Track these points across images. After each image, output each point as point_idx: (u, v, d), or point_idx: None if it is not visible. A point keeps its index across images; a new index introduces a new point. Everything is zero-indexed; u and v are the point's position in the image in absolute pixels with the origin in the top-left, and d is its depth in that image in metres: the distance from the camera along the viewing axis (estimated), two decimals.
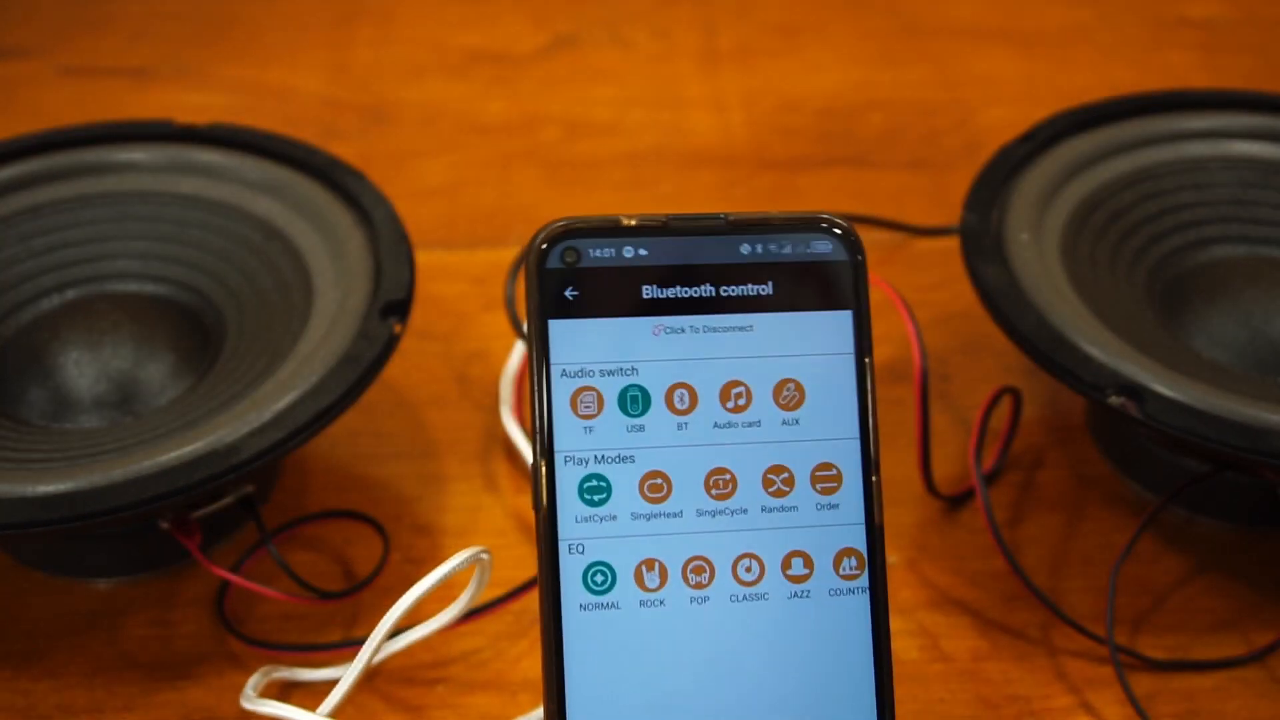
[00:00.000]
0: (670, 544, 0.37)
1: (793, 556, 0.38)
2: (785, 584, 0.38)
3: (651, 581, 0.37)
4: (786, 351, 0.38)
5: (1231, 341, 0.56)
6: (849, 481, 0.38)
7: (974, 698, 0.50)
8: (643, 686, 0.37)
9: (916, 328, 0.55)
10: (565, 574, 0.37)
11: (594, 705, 0.37)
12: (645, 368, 0.37)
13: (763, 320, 0.38)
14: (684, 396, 0.37)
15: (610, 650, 0.37)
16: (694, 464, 0.37)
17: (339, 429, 0.52)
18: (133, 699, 0.50)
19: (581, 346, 0.37)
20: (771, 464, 0.38)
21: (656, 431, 0.37)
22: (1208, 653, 0.52)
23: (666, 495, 0.37)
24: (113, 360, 0.55)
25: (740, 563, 0.37)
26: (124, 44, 0.87)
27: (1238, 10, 0.90)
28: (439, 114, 0.81)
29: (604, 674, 0.37)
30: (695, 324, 0.38)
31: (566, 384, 0.37)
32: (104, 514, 0.46)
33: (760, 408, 0.38)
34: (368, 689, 0.50)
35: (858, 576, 0.38)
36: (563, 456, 0.37)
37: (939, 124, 0.79)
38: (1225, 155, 0.61)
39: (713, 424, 0.38)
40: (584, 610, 0.37)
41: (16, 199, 0.59)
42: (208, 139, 0.60)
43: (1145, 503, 0.57)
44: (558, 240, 0.37)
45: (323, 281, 0.55)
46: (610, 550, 0.37)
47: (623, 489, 0.37)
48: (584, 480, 0.37)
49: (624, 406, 0.37)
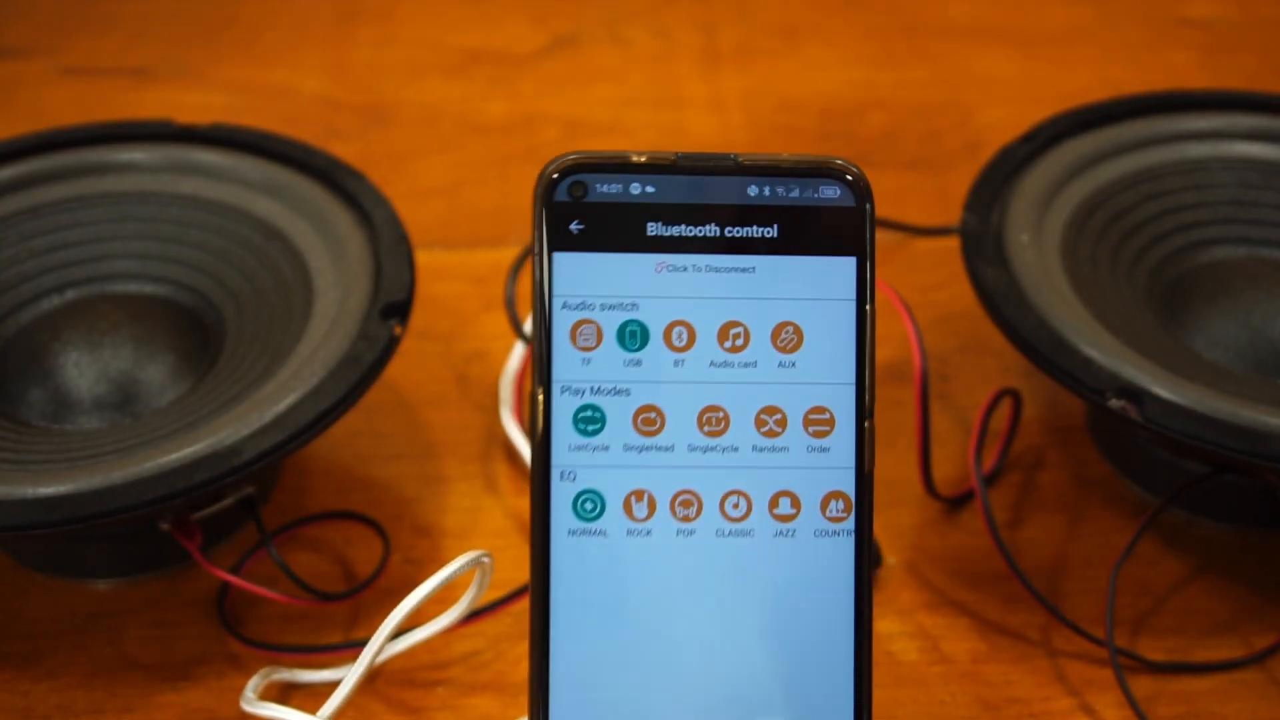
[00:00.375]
0: (660, 477, 0.38)
1: (780, 496, 0.38)
2: (771, 522, 0.38)
3: (640, 512, 0.38)
4: (787, 295, 0.38)
5: (1232, 343, 0.56)
6: (841, 426, 0.38)
7: (974, 699, 0.50)
8: (625, 613, 0.38)
9: (916, 328, 0.55)
10: (556, 500, 0.38)
11: (577, 629, 0.37)
12: (646, 304, 0.38)
13: (766, 263, 0.38)
14: (682, 334, 0.38)
15: (596, 576, 0.38)
16: (688, 400, 0.38)
17: (339, 430, 0.52)
18: (133, 700, 0.50)
19: (584, 280, 0.37)
20: (765, 405, 0.38)
21: (653, 367, 0.38)
22: (1207, 655, 0.52)
23: (659, 429, 0.38)
24: (113, 361, 0.55)
25: (728, 499, 0.38)
26: (124, 44, 0.87)
27: (1238, 10, 0.90)
28: (439, 114, 0.81)
29: (588, 599, 0.38)
30: (698, 263, 0.38)
31: (567, 316, 0.37)
32: (104, 515, 0.46)
33: (758, 349, 0.38)
34: (368, 691, 0.50)
35: (844, 520, 0.38)
36: (560, 386, 0.37)
37: (939, 124, 0.79)
38: (1226, 156, 0.61)
39: (709, 362, 0.38)
40: (572, 536, 0.38)
41: (16, 199, 0.59)
42: (208, 139, 0.60)
43: (1145, 504, 0.57)
44: (566, 173, 0.37)
45: (323, 282, 0.55)
46: (601, 479, 0.38)
47: (617, 421, 0.38)
48: (579, 410, 0.38)
49: (622, 341, 0.38)
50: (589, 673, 0.38)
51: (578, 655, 0.38)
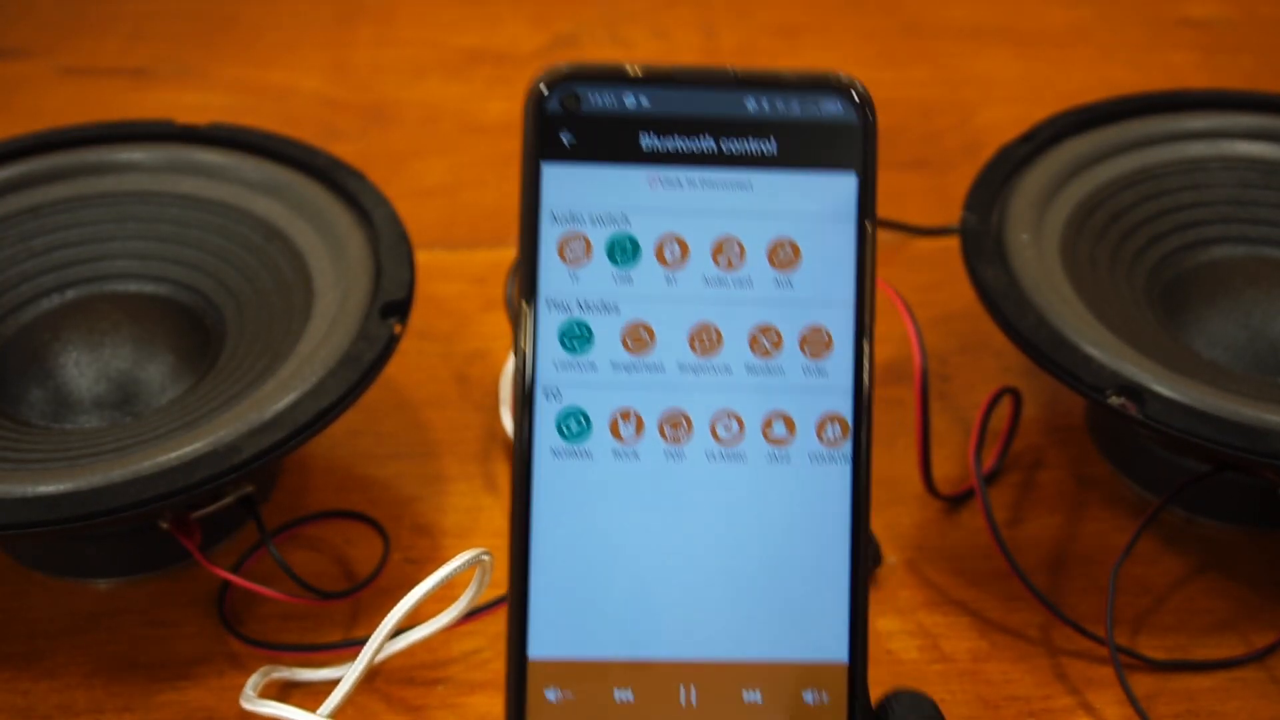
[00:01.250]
0: (649, 396, 0.36)
1: (774, 418, 0.37)
2: (764, 445, 0.37)
3: (627, 432, 0.36)
4: (785, 211, 0.37)
5: (1231, 342, 0.56)
6: (839, 347, 0.37)
7: (974, 698, 0.50)
8: (610, 538, 0.36)
9: (916, 328, 0.55)
10: (539, 418, 0.36)
11: (559, 551, 0.36)
12: (637, 218, 0.36)
13: (763, 178, 0.37)
14: (675, 250, 0.37)
15: (580, 499, 0.36)
16: (680, 318, 0.37)
17: (339, 429, 0.52)
18: (133, 699, 0.50)
19: (574, 192, 0.36)
20: (760, 324, 0.37)
21: (644, 283, 0.37)
22: (1208, 653, 0.52)
23: (649, 347, 0.37)
24: (113, 360, 0.55)
25: (720, 420, 0.37)
26: (124, 44, 0.87)
27: (1238, 10, 0.90)
28: (439, 114, 0.81)
29: (571, 522, 0.36)
30: (692, 177, 0.37)
31: (555, 229, 0.36)
32: (104, 514, 0.46)
33: (753, 266, 0.37)
34: (367, 689, 0.50)
35: (840, 444, 0.37)
36: (546, 301, 0.36)
37: (939, 124, 0.79)
38: (1225, 155, 0.61)
39: (702, 279, 0.37)
40: (556, 456, 0.36)
41: (16, 199, 0.59)
42: (208, 139, 0.60)
43: (1145, 503, 0.57)
44: (559, 83, 0.36)
45: (323, 281, 0.55)
46: (587, 398, 0.36)
47: (604, 338, 0.36)
48: (565, 326, 0.36)
49: (612, 256, 0.37)
50: (570, 600, 0.36)
51: (559, 582, 0.36)
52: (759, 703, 0.36)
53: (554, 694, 0.36)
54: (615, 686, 0.36)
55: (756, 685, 0.36)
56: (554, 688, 0.36)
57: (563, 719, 0.36)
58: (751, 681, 0.36)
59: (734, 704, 0.36)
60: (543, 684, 0.36)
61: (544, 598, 0.36)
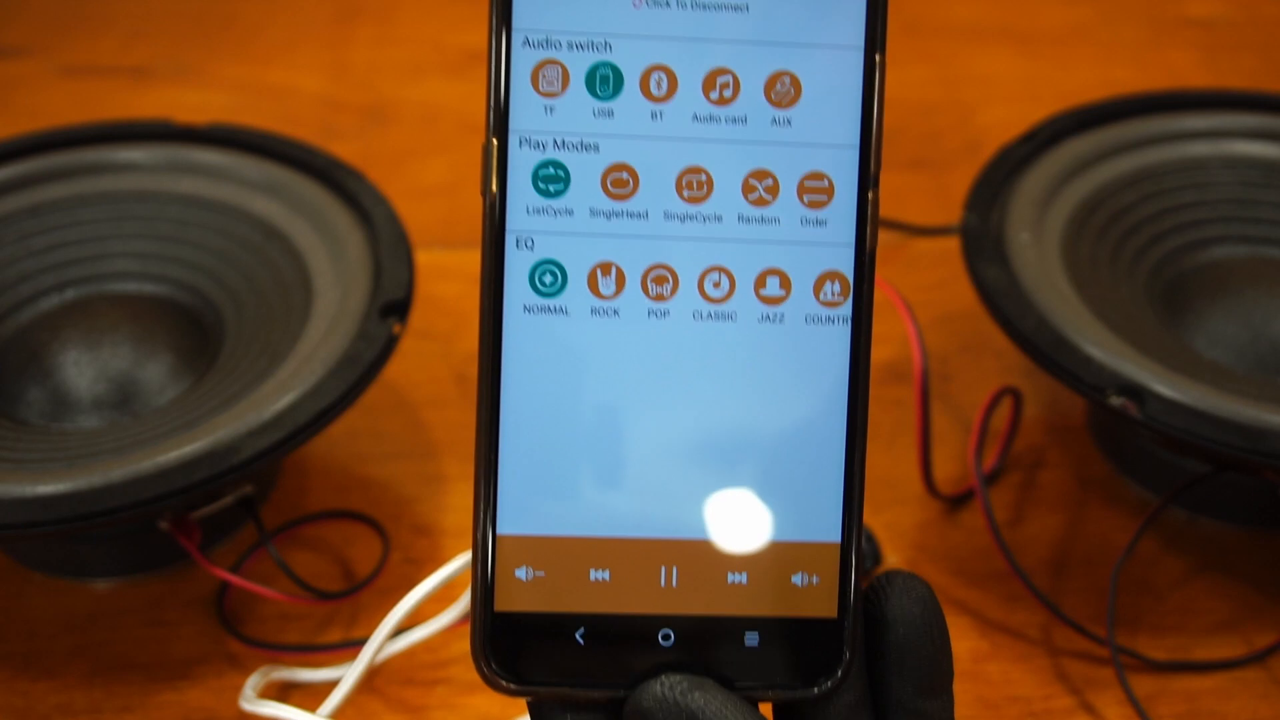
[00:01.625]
0: (631, 247, 0.33)
1: (768, 274, 0.33)
2: (757, 304, 0.33)
3: (606, 288, 0.33)
4: (785, 39, 0.33)
5: (1232, 342, 0.56)
6: (841, 196, 0.33)
7: (974, 698, 0.50)
8: (586, 403, 0.33)
9: (916, 328, 0.55)
10: (510, 270, 0.33)
11: (531, 418, 0.33)
12: (621, 44, 0.33)
13: (761, 1, 0.33)
14: (662, 81, 0.33)
15: (554, 359, 0.33)
16: (666, 159, 0.33)
17: (339, 429, 0.52)
18: (132, 699, 0.50)
19: (549, 13, 0.33)
20: (755, 168, 0.33)
21: (627, 119, 0.33)
22: (1208, 653, 0.52)
23: (632, 192, 0.33)
24: (112, 360, 0.55)
25: (708, 276, 0.33)
26: (124, 44, 0.87)
27: (1238, 10, 0.90)
28: (439, 114, 0.81)
29: (545, 385, 0.33)
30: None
31: (528, 55, 0.33)
32: (103, 514, 0.46)
33: (748, 101, 0.33)
34: (367, 689, 0.50)
35: (839, 304, 0.33)
36: (518, 137, 0.33)
37: (939, 124, 0.79)
38: (1226, 155, 0.61)
39: (692, 115, 0.33)
40: (528, 312, 0.33)
41: (16, 199, 0.59)
42: (207, 139, 0.60)
43: (1145, 503, 0.57)
44: None
45: (322, 281, 0.55)
46: (563, 248, 0.33)
47: (582, 181, 0.33)
48: (539, 166, 0.33)
49: (592, 86, 0.33)
50: (542, 472, 0.33)
51: (530, 452, 0.33)
52: (744, 584, 0.34)
53: (524, 572, 0.33)
54: (591, 566, 0.33)
55: (742, 566, 0.34)
56: (525, 566, 0.33)
57: (534, 599, 0.33)
58: (736, 562, 0.34)
59: (717, 586, 0.33)
60: (513, 562, 0.33)
61: (514, 469, 0.33)
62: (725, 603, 0.33)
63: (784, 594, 0.34)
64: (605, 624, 0.33)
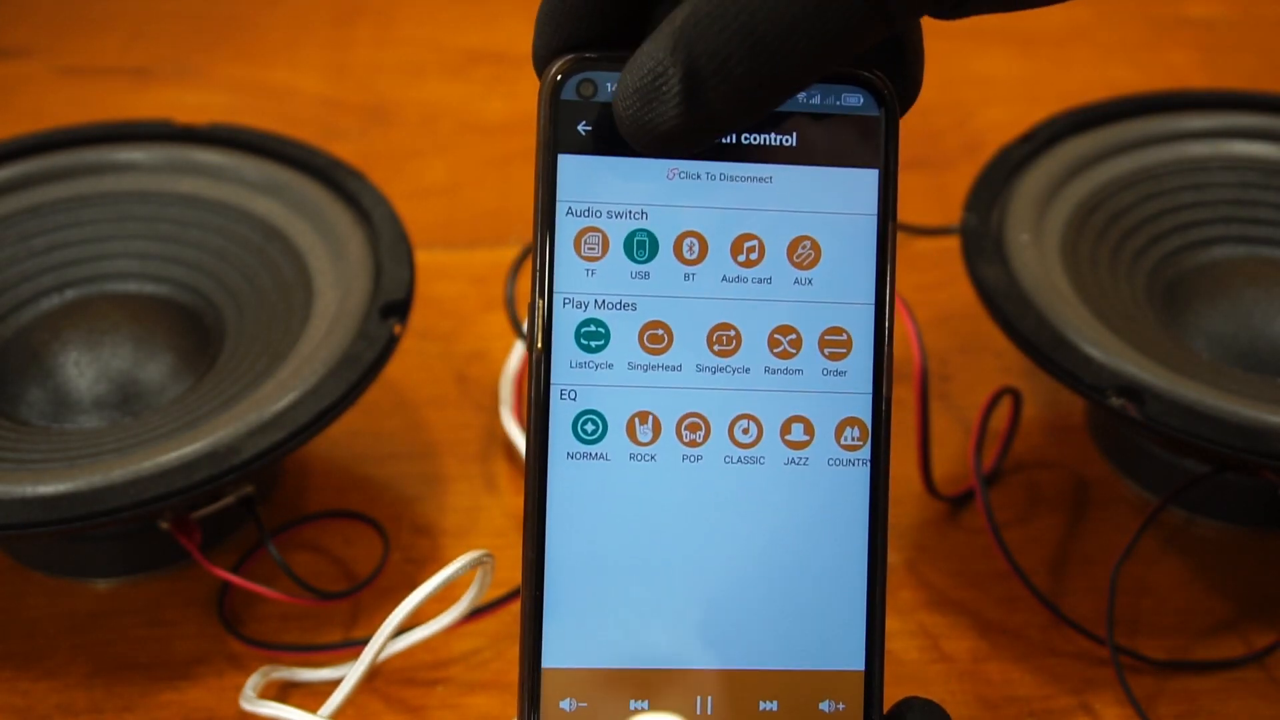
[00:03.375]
0: (666, 397, 0.36)
1: (793, 422, 0.36)
2: (783, 449, 0.36)
3: (644, 435, 0.36)
4: (805, 207, 0.36)
5: (1232, 342, 0.56)
6: (859, 348, 0.36)
7: (974, 698, 0.50)
8: (626, 542, 0.35)
9: (916, 328, 0.55)
10: (555, 419, 0.35)
11: (574, 557, 0.35)
12: (655, 212, 0.35)
13: (783, 172, 0.36)
14: (693, 246, 0.36)
15: (596, 502, 0.35)
16: (698, 317, 0.36)
17: (339, 429, 0.52)
18: (132, 699, 0.50)
19: (591, 185, 0.35)
20: (779, 324, 0.36)
21: (662, 280, 0.35)
22: (1208, 653, 0.52)
23: (667, 347, 0.36)
24: (112, 360, 0.55)
25: (738, 423, 0.36)
26: (124, 44, 0.87)
27: (1238, 10, 0.90)
28: (439, 114, 0.81)
29: (587, 526, 0.35)
30: (712, 170, 0.35)
31: (572, 223, 0.35)
32: (104, 514, 0.46)
33: (772, 264, 0.36)
34: (367, 689, 0.50)
35: (859, 448, 0.36)
36: (562, 298, 0.35)
37: (939, 124, 0.79)
38: (1226, 155, 0.61)
39: (721, 277, 0.36)
40: (571, 459, 0.35)
41: (16, 199, 0.59)
42: (207, 139, 0.60)
43: (1145, 503, 0.57)
44: (574, 71, 0.35)
45: (323, 281, 0.55)
46: (603, 399, 0.35)
47: (621, 337, 0.35)
48: (582, 324, 0.35)
49: (630, 251, 0.35)
50: (585, 607, 0.35)
51: (574, 589, 0.35)
52: (775, 711, 0.36)
53: (569, 704, 0.35)
54: (631, 696, 0.36)
55: (773, 694, 0.36)
56: (569, 698, 0.35)
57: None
58: (768, 691, 0.36)
59: (750, 714, 0.36)
60: (558, 694, 0.35)
61: (559, 605, 0.35)
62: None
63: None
64: None
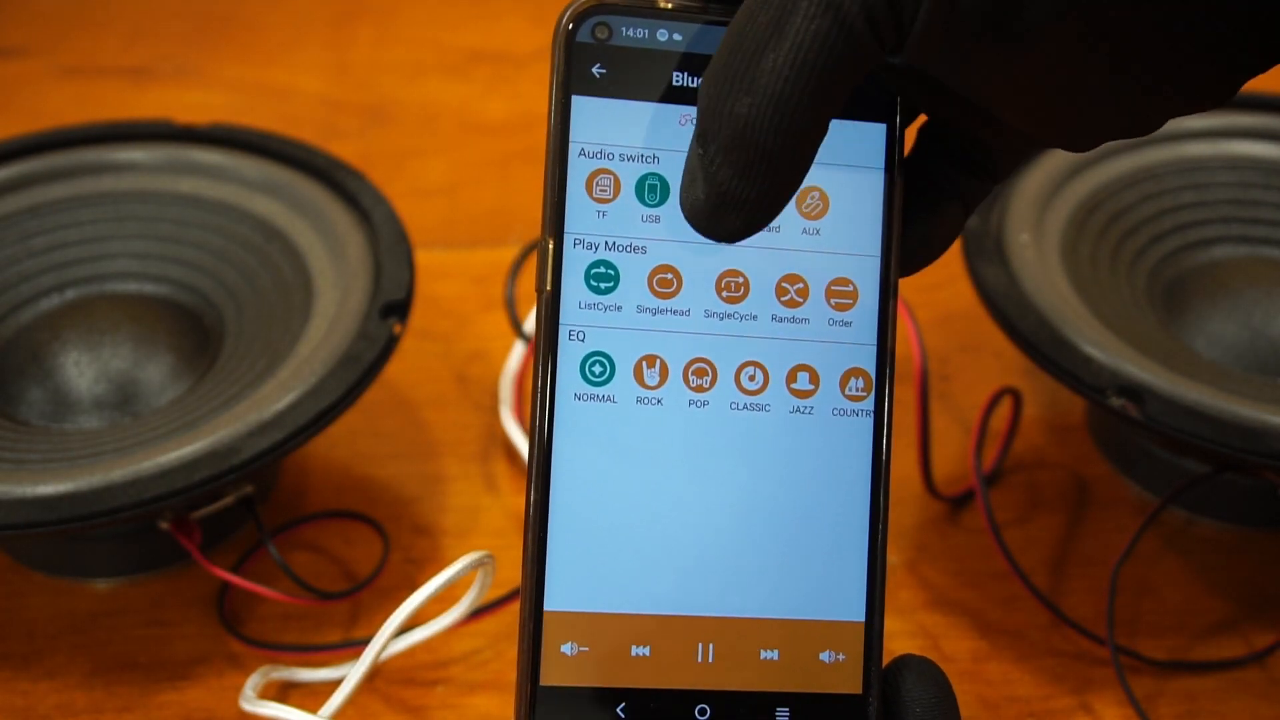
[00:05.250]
0: (674, 342, 0.36)
1: (799, 370, 0.36)
2: (788, 397, 0.36)
3: (651, 379, 0.36)
4: (816, 159, 0.36)
5: (1232, 342, 0.56)
6: (864, 300, 0.36)
7: (974, 698, 0.50)
8: (630, 486, 0.36)
9: (916, 328, 0.55)
10: (563, 360, 0.35)
11: (578, 500, 0.35)
12: (667, 157, 0.36)
13: None
14: None
15: (601, 445, 0.36)
16: (707, 263, 0.36)
17: (339, 429, 0.52)
18: (132, 699, 0.50)
19: (603, 127, 0.35)
20: (787, 272, 0.36)
21: (672, 224, 0.36)
22: (1208, 654, 0.52)
23: (675, 291, 0.36)
24: (112, 360, 0.55)
25: (744, 370, 0.36)
26: (124, 44, 0.87)
27: None
28: (439, 114, 0.81)
29: (592, 469, 0.36)
30: None
31: (584, 164, 0.36)
32: (104, 514, 0.46)
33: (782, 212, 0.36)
34: (367, 689, 0.50)
35: (863, 399, 0.36)
36: (572, 239, 0.35)
37: None
38: (1226, 155, 0.61)
39: None
40: (578, 400, 0.36)
41: (16, 199, 0.59)
42: (207, 139, 0.60)
43: (1145, 503, 0.57)
44: (590, 14, 0.35)
45: (323, 281, 0.55)
46: (611, 341, 0.36)
47: (631, 279, 0.36)
48: (592, 265, 0.36)
49: (641, 194, 0.36)
50: (589, 551, 0.36)
51: (578, 532, 0.36)
52: (775, 660, 0.36)
53: (570, 648, 0.35)
54: (632, 642, 0.36)
55: (774, 644, 0.36)
56: (570, 642, 0.35)
57: (578, 673, 0.35)
58: (769, 639, 0.36)
59: (751, 662, 0.36)
60: (559, 637, 0.35)
61: (562, 548, 0.35)
62: (758, 678, 0.36)
63: (813, 670, 0.36)
64: (645, 698, 0.35)
